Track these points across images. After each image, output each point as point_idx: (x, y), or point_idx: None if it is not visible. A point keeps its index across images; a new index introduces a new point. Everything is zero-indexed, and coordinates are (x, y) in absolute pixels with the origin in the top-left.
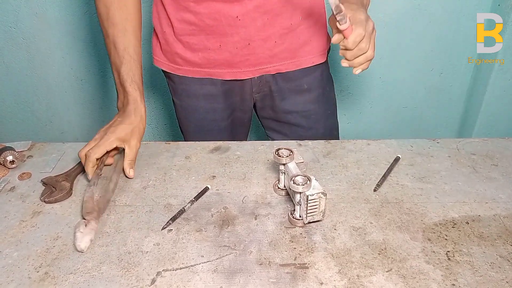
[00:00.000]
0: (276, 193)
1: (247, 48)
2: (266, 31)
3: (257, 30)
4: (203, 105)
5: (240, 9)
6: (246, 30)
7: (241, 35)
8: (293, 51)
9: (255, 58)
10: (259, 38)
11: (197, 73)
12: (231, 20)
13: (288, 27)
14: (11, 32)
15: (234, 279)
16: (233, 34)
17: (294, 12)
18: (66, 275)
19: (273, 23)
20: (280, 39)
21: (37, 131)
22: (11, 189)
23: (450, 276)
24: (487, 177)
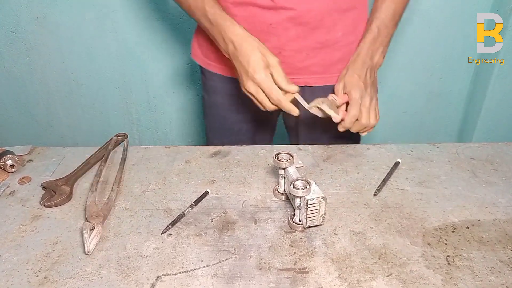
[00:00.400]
0: (276, 198)
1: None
2: (298, 42)
3: (289, 40)
4: (227, 104)
5: (274, 17)
6: (278, 38)
7: (272, 43)
8: (325, 66)
9: (285, 67)
10: (290, 49)
11: (226, 71)
12: (265, 27)
13: (323, 42)
14: (11, 36)
15: (233, 283)
16: (265, 41)
17: (333, 28)
18: (65, 279)
19: (307, 36)
20: (313, 53)
21: (37, 135)
22: (11, 193)
23: (450, 281)
24: (487, 182)
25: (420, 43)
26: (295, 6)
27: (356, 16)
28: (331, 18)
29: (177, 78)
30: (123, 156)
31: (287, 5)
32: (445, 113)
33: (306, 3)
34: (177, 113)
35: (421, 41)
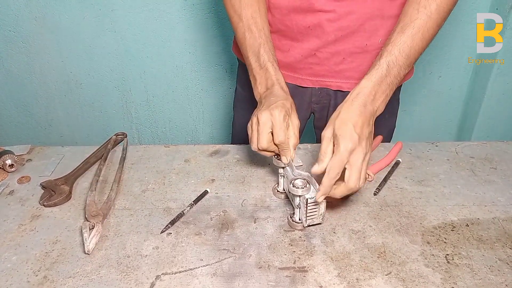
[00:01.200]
0: (276, 197)
1: (313, 58)
2: (336, 46)
3: (327, 43)
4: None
5: (312, 20)
6: (315, 40)
7: (309, 44)
8: (361, 72)
9: (319, 69)
10: (327, 51)
11: None
12: (302, 29)
13: (362, 47)
14: (10, 36)
15: (233, 282)
16: (302, 41)
17: (374, 33)
18: (65, 279)
19: (346, 40)
20: (350, 57)
21: (36, 134)
22: (10, 193)
23: (449, 279)
24: (486, 180)
25: None
26: (335, 8)
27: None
28: (373, 23)
29: (176, 77)
30: (122, 155)
31: (326, 7)
32: (444, 112)
33: (346, 7)
34: (176, 112)
35: None
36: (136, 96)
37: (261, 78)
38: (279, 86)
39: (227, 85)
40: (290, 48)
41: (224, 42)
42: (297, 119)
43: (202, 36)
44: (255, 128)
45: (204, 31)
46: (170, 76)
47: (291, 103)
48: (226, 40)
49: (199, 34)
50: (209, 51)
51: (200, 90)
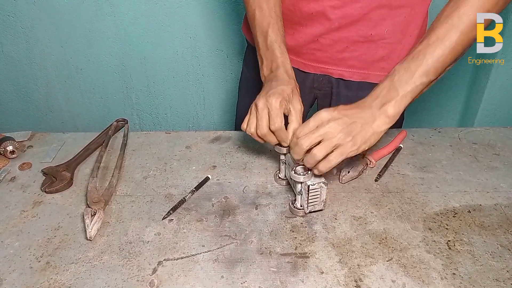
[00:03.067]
0: (277, 183)
1: (316, 43)
2: (340, 33)
3: (330, 30)
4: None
5: (315, 7)
6: (318, 27)
7: (312, 30)
8: (364, 62)
9: (321, 56)
10: (330, 38)
11: None
12: (306, 15)
13: (366, 36)
14: (9, 21)
15: (235, 268)
16: (306, 27)
17: (380, 23)
18: (67, 264)
19: (350, 28)
20: (353, 46)
21: (37, 121)
22: (11, 179)
23: (450, 265)
24: (488, 167)
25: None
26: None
27: (408, 14)
28: (379, 12)
29: (177, 62)
30: (123, 142)
31: None
32: (447, 97)
33: None
34: (177, 98)
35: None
36: (136, 82)
37: (267, 60)
38: (283, 69)
39: (229, 70)
40: (294, 32)
41: (225, 27)
42: (299, 103)
43: (203, 21)
44: (253, 113)
45: (205, 16)
46: (171, 62)
47: (292, 88)
48: (227, 25)
49: (199, 19)
50: (210, 36)
51: (201, 75)
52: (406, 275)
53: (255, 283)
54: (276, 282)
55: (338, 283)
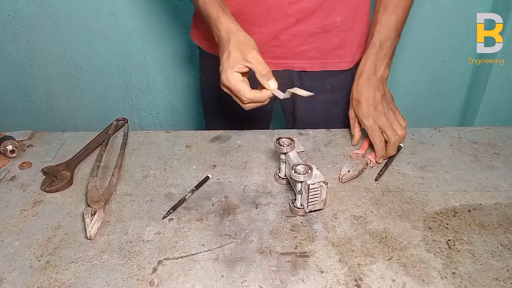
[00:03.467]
0: (277, 182)
1: (275, 41)
2: (297, 27)
3: (288, 25)
4: None
5: (273, 3)
6: (276, 23)
7: (270, 28)
8: (322, 51)
9: (281, 52)
10: (289, 33)
11: None
12: (263, 11)
13: (322, 27)
14: (9, 20)
15: (235, 267)
16: (263, 25)
17: (332, 12)
18: (67, 264)
19: (307, 21)
20: (311, 38)
21: (37, 120)
22: (11, 179)
23: (450, 265)
24: (488, 166)
25: (423, 26)
26: None
27: (356, 1)
28: (331, 2)
29: (177, 61)
30: (123, 141)
31: None
32: (447, 97)
33: None
34: (177, 98)
35: (424, 24)
36: (136, 81)
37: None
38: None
39: None
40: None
41: None
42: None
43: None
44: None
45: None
46: (171, 61)
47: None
48: None
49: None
50: None
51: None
52: (406, 274)
53: (255, 282)
54: (276, 281)
55: (338, 282)
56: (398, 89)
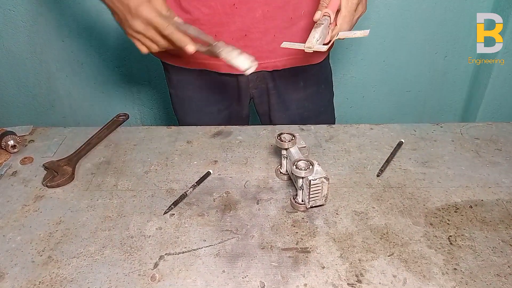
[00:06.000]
0: (278, 178)
1: (244, 40)
2: (265, 23)
3: (256, 21)
4: (198, 96)
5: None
6: (243, 19)
7: (237, 25)
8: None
9: (252, 52)
10: (257, 30)
11: (192, 64)
12: (228, 8)
13: (289, 21)
14: (10, 15)
15: (236, 263)
16: (229, 23)
17: (297, 6)
18: (69, 259)
19: (274, 16)
20: (280, 34)
21: (38, 115)
22: (13, 174)
23: (452, 261)
24: (490, 162)
25: (425, 21)
26: None
27: None
28: None
29: None
30: None
31: None
32: (449, 92)
33: None
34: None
35: (426, 19)
36: (138, 77)
37: None
38: None
39: None
40: (216, 34)
41: None
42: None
43: None
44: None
45: None
46: None
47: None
48: None
49: None
50: None
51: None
52: (407, 270)
53: (256, 277)
54: (277, 277)
55: (339, 278)
56: (399, 84)
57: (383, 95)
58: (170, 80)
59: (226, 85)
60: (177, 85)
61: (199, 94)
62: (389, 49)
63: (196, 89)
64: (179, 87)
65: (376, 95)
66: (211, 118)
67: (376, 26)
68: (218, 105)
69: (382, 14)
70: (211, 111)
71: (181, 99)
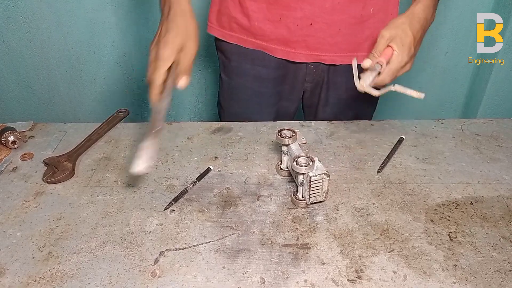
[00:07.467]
0: (279, 174)
1: (308, 29)
2: (333, 15)
3: (324, 11)
4: (251, 86)
5: None
6: (311, 8)
7: (305, 12)
8: (353, 44)
9: (313, 42)
10: (323, 21)
11: (250, 43)
12: None
13: (358, 17)
14: (10, 10)
15: (236, 259)
16: (296, 9)
17: (367, 3)
18: (69, 254)
19: (343, 9)
20: (346, 29)
21: (38, 111)
22: (13, 170)
23: (452, 257)
24: (491, 158)
25: None
26: None
27: None
28: None
29: None
30: None
31: None
32: (450, 89)
33: None
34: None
35: None
36: (138, 72)
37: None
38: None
39: None
40: (281, 17)
41: None
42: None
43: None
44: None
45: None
46: None
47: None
48: None
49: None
50: None
51: (203, 66)
52: (408, 266)
53: (256, 273)
54: (278, 273)
55: (340, 274)
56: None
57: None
58: (224, 66)
59: (282, 78)
60: (231, 71)
61: (252, 83)
62: None
63: (250, 78)
64: (233, 74)
65: None
66: (258, 110)
67: None
68: (268, 98)
69: None
70: (260, 102)
71: (233, 86)
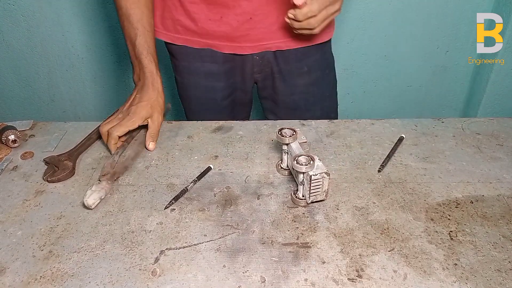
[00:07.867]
0: (279, 173)
1: (248, 23)
2: (269, 5)
3: (260, 4)
4: (203, 83)
5: None
6: (249, 3)
7: (243, 8)
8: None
9: (256, 34)
10: (261, 13)
11: (196, 43)
12: None
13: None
14: (10, 9)
15: (236, 258)
16: (235, 7)
17: None
18: (70, 253)
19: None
20: (283, 15)
21: (38, 110)
22: (14, 168)
23: (452, 256)
24: (491, 157)
25: (426, 16)
26: None
27: None
28: None
29: None
30: None
31: None
32: (450, 87)
33: None
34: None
35: (427, 14)
36: None
37: (136, 67)
38: (150, 80)
39: None
40: (221, 15)
41: None
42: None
43: None
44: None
45: None
46: None
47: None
48: None
49: None
50: None
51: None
52: (408, 265)
53: (256, 272)
54: (278, 272)
55: (340, 272)
56: (400, 79)
57: (384, 90)
58: (176, 67)
59: (231, 71)
60: (182, 71)
61: (204, 80)
62: (390, 44)
63: (201, 75)
64: (184, 73)
65: (377, 90)
66: (214, 105)
67: (377, 21)
68: (222, 91)
69: (383, 8)
70: (215, 97)
71: (186, 85)
